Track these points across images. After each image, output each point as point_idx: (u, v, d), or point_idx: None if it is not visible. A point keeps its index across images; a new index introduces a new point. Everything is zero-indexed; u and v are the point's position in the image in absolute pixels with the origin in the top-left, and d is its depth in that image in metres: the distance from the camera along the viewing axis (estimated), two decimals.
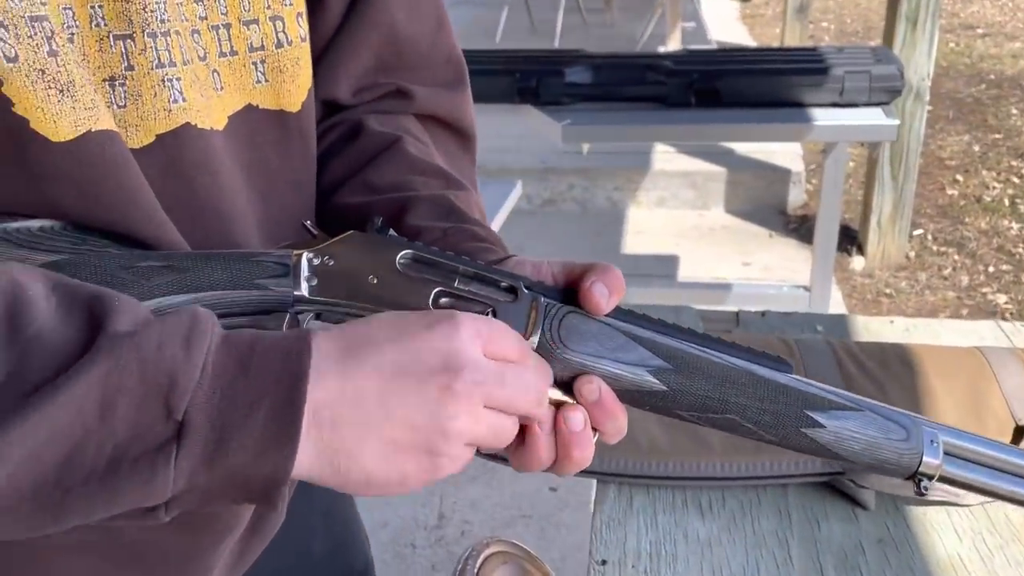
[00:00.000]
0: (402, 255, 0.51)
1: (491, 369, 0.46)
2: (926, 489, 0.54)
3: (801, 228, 3.52)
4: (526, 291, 0.52)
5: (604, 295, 0.51)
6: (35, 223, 0.49)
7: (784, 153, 3.79)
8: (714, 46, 5.47)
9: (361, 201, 0.64)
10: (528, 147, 3.81)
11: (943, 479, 0.55)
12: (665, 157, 3.80)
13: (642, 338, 0.52)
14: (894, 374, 0.97)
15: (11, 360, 0.40)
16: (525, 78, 2.32)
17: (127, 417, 0.40)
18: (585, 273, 0.52)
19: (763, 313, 1.23)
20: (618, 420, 0.51)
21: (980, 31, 6.22)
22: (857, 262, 3.27)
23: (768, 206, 3.69)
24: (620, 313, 0.53)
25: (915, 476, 0.54)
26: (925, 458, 0.53)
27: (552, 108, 2.35)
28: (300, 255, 0.50)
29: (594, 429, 0.51)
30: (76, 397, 0.40)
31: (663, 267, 3.28)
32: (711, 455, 0.89)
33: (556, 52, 2.65)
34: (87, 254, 0.48)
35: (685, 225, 3.62)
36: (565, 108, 2.36)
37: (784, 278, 3.11)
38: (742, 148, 3.82)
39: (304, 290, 0.50)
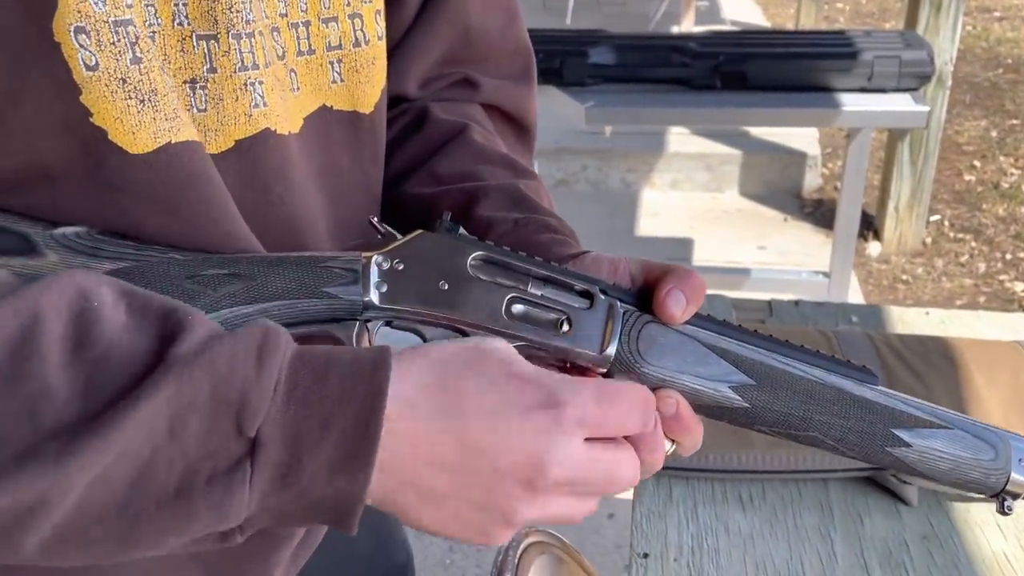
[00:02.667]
0: (473, 257, 0.50)
1: (582, 463, 0.44)
2: (1010, 509, 0.52)
3: (816, 212, 3.49)
4: (602, 297, 0.50)
5: (681, 305, 0.49)
6: (70, 229, 0.46)
7: (800, 136, 3.76)
8: (728, 26, 5.42)
9: (428, 192, 0.62)
10: (542, 127, 3.74)
11: None
12: (680, 139, 3.77)
13: (724, 351, 0.50)
14: (936, 368, 0.96)
15: (79, 378, 0.38)
16: (548, 58, 2.29)
17: (198, 434, 0.39)
18: (664, 277, 0.50)
19: (796, 303, 1.22)
20: (694, 434, 0.50)
21: (997, 14, 6.15)
22: (873, 247, 3.25)
23: (783, 189, 3.66)
24: (700, 320, 0.51)
25: (1000, 495, 0.52)
26: (1013, 476, 0.51)
27: (575, 89, 2.32)
28: (369, 259, 0.49)
29: (671, 440, 0.49)
30: (146, 416, 0.38)
31: (678, 250, 3.26)
32: (751, 447, 0.88)
33: (579, 32, 2.61)
34: (152, 261, 0.46)
35: (699, 208, 3.60)
36: (588, 89, 2.33)
37: (800, 262, 3.09)
38: (758, 131, 3.78)
39: (374, 297, 0.48)
